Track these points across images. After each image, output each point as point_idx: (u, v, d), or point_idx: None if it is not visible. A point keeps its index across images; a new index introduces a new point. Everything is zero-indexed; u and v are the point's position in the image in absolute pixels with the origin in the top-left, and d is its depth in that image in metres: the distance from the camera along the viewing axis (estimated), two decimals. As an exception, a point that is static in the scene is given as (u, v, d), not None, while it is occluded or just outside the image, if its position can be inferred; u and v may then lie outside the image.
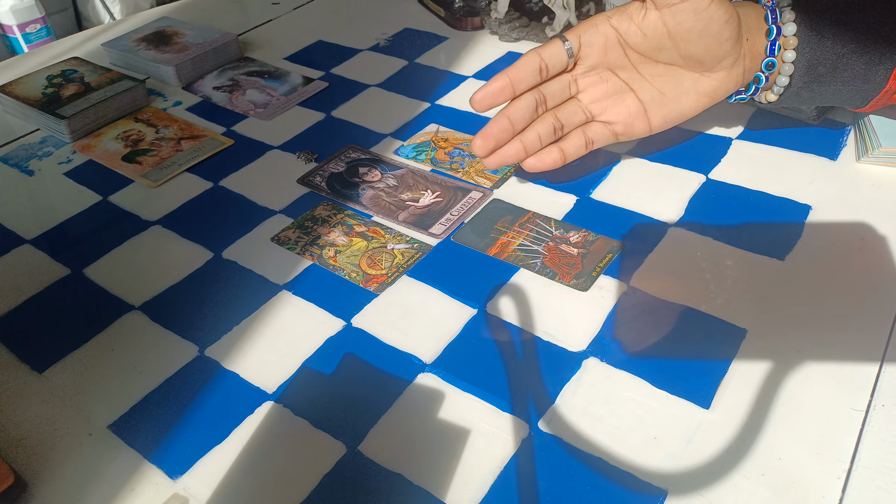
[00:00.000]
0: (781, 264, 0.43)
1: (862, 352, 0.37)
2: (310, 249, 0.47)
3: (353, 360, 0.39)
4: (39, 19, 1.83)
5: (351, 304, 0.43)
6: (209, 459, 0.35)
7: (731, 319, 0.40)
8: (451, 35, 0.75)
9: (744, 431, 0.34)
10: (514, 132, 0.47)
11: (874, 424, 0.34)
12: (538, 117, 0.48)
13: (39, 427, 0.37)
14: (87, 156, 0.59)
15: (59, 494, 0.34)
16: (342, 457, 0.34)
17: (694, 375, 0.37)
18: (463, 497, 0.32)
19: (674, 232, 0.46)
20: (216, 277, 0.46)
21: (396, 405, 0.37)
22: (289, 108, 0.64)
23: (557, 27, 0.69)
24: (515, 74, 0.45)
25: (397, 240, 0.47)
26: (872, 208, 0.46)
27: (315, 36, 0.77)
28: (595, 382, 0.37)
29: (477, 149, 0.47)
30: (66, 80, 0.66)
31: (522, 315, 0.41)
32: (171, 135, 0.61)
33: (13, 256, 0.49)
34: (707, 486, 0.32)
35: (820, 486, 0.32)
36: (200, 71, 0.70)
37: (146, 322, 0.43)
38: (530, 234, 0.47)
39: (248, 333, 0.42)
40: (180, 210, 0.52)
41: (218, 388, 0.38)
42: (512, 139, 0.47)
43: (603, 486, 0.32)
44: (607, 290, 0.42)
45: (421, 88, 0.65)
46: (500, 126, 0.46)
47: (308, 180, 0.54)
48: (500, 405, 0.36)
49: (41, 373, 0.40)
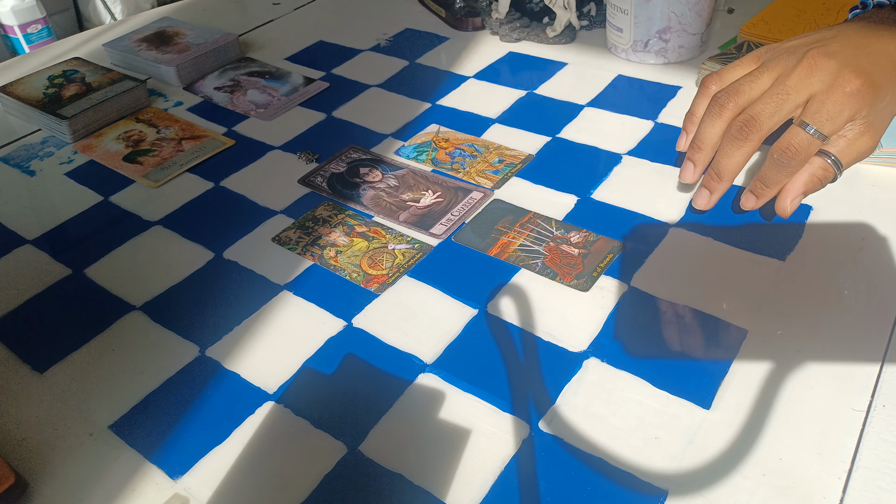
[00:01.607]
0: (782, 265, 0.43)
1: (863, 352, 0.37)
2: (311, 250, 0.47)
3: (353, 361, 0.39)
4: (40, 20, 1.83)
5: (352, 304, 0.43)
6: (210, 459, 0.35)
7: (732, 320, 0.40)
8: (451, 35, 0.75)
9: (745, 432, 0.34)
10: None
11: (875, 425, 0.34)
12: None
13: (40, 427, 0.37)
14: (89, 156, 0.59)
15: (59, 494, 0.34)
16: (343, 457, 0.34)
17: (695, 376, 0.37)
18: (463, 497, 0.32)
19: (674, 232, 0.46)
20: (217, 278, 0.46)
21: (397, 405, 0.37)
22: (290, 108, 0.64)
23: (558, 27, 0.69)
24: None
25: (398, 240, 0.47)
26: (873, 209, 0.46)
27: (316, 36, 0.77)
28: (596, 383, 0.37)
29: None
30: (67, 81, 0.66)
31: (523, 315, 0.41)
32: (172, 135, 0.61)
33: (14, 256, 0.49)
34: (708, 487, 0.32)
35: (821, 486, 0.32)
36: (201, 71, 0.70)
37: (147, 322, 0.43)
38: (531, 234, 0.47)
39: (249, 334, 0.42)
40: (181, 210, 0.52)
41: (219, 388, 0.38)
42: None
43: (603, 486, 0.32)
44: (608, 290, 0.42)
45: (422, 89, 0.65)
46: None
47: (309, 180, 0.54)
48: (500, 405, 0.36)
49: (42, 373, 0.40)
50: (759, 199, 0.45)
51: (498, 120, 0.59)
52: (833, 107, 0.41)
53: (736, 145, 0.43)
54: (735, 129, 0.43)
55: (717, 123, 0.44)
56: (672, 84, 0.62)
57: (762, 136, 0.43)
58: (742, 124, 0.43)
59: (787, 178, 0.43)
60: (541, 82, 0.64)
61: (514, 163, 0.54)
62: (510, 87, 0.64)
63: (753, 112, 0.43)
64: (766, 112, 0.42)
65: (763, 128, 0.42)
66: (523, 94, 0.63)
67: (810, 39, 0.44)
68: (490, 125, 0.59)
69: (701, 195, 0.46)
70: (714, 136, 0.45)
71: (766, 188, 0.44)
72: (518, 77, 0.65)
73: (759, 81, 0.44)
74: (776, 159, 0.43)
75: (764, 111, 0.42)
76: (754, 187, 0.45)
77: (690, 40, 0.64)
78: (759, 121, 0.42)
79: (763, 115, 0.42)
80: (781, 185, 0.44)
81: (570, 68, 0.66)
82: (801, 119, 0.42)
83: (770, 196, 0.45)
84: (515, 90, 0.63)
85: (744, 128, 0.43)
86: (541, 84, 0.64)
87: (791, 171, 0.43)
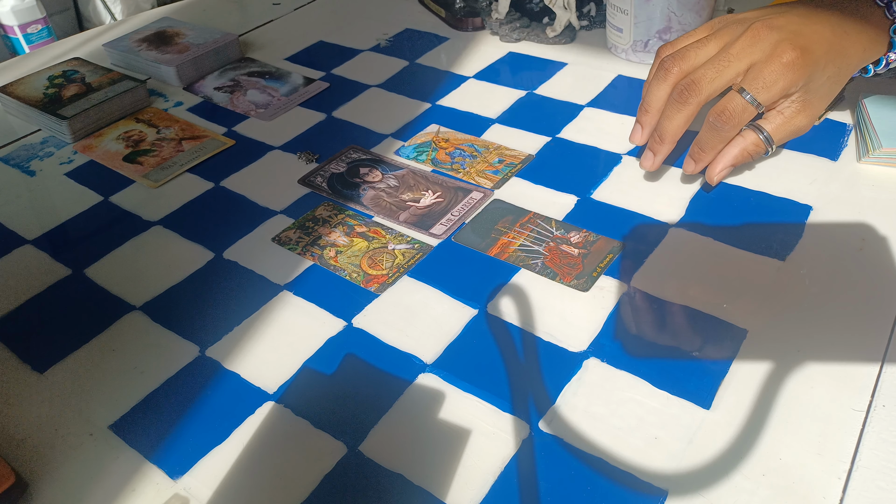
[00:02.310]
0: (782, 265, 0.43)
1: (863, 352, 0.37)
2: (311, 250, 0.47)
3: (353, 361, 0.39)
4: (40, 20, 1.84)
5: (352, 304, 0.43)
6: (210, 459, 0.35)
7: (732, 320, 0.40)
8: (451, 35, 0.75)
9: (745, 432, 0.34)
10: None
11: (875, 425, 0.34)
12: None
13: (40, 427, 0.37)
14: (89, 156, 0.59)
15: (59, 494, 0.34)
16: (343, 457, 0.34)
17: (695, 376, 0.37)
18: (463, 497, 0.32)
19: (674, 232, 0.46)
20: (217, 278, 0.46)
21: (397, 405, 0.37)
22: (290, 108, 0.64)
23: (558, 27, 0.69)
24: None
25: (398, 240, 0.47)
26: (873, 209, 0.46)
27: (316, 36, 0.77)
28: (596, 383, 0.37)
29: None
30: (67, 81, 0.66)
31: (523, 315, 0.41)
32: (172, 135, 0.61)
33: (14, 256, 0.49)
34: (708, 487, 0.32)
35: (821, 486, 0.32)
36: (201, 71, 0.70)
37: (147, 322, 0.43)
38: (531, 234, 0.47)
39: (249, 334, 0.42)
40: (181, 210, 0.52)
41: (219, 388, 0.38)
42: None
43: (603, 486, 0.32)
44: (608, 290, 0.42)
45: (422, 89, 0.65)
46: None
47: (309, 181, 0.54)
48: (500, 405, 0.36)
49: (42, 373, 0.40)
50: (697, 163, 0.47)
51: (498, 120, 0.59)
52: (769, 76, 0.43)
53: (676, 108, 0.45)
54: (677, 93, 0.45)
55: (663, 87, 0.46)
56: (672, 84, 0.62)
57: (701, 100, 0.45)
58: (683, 88, 0.45)
59: (721, 143, 0.46)
60: (541, 82, 0.64)
61: (514, 163, 0.54)
62: (510, 87, 0.64)
63: (695, 77, 0.44)
64: (707, 77, 0.44)
65: (703, 92, 0.44)
66: (523, 94, 0.63)
67: (760, 13, 0.46)
68: (490, 125, 0.59)
69: (646, 157, 0.49)
70: (660, 100, 0.47)
71: (703, 152, 0.47)
72: (518, 77, 0.65)
73: (706, 49, 0.46)
74: (711, 122, 0.45)
75: (705, 76, 0.44)
76: (693, 152, 0.47)
77: (690, 40, 0.64)
78: (700, 85, 0.44)
79: (704, 79, 0.44)
80: (717, 150, 0.46)
81: (569, 68, 0.66)
82: (740, 85, 0.44)
83: (707, 161, 0.47)
84: (515, 90, 0.63)
85: (684, 91, 0.45)
86: (541, 84, 0.64)
87: (725, 135, 0.45)
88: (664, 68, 0.46)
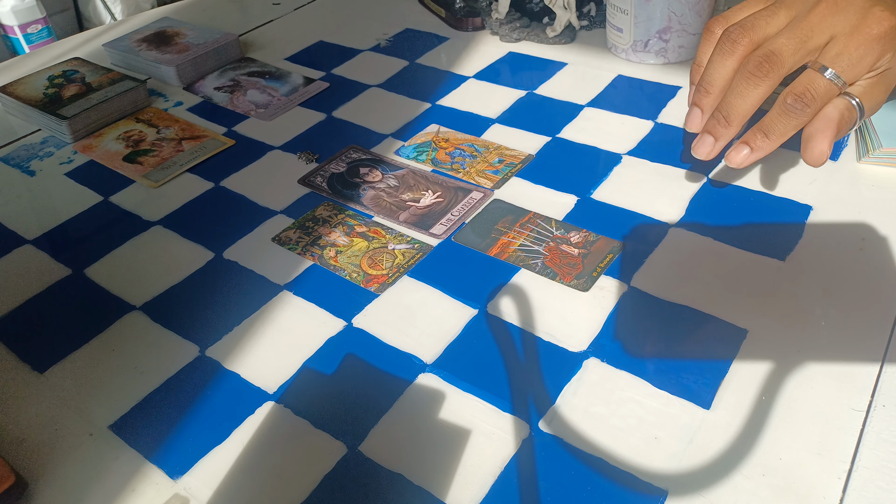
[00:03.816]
0: (782, 264, 0.43)
1: (863, 352, 0.37)
2: (311, 250, 0.47)
3: (353, 361, 0.39)
4: (40, 20, 1.84)
5: (352, 304, 0.43)
6: (210, 459, 0.35)
7: (732, 320, 0.40)
8: (451, 35, 0.75)
9: (745, 432, 0.34)
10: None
11: (875, 424, 0.34)
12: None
13: (40, 427, 0.37)
14: (89, 156, 0.59)
15: (59, 495, 0.34)
16: (343, 457, 0.34)
17: (695, 376, 0.37)
18: (463, 497, 0.32)
19: (675, 232, 0.46)
20: (217, 278, 0.46)
21: (397, 405, 0.37)
22: (290, 108, 0.64)
23: (558, 27, 0.69)
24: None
25: (398, 240, 0.47)
26: (873, 209, 0.46)
27: (316, 36, 0.77)
28: (596, 383, 0.37)
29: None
30: (67, 81, 0.66)
31: (523, 315, 0.41)
32: (172, 135, 0.61)
33: (14, 256, 0.49)
34: (708, 487, 0.32)
35: (821, 486, 0.32)
36: (201, 71, 0.70)
37: (147, 322, 0.43)
38: (531, 234, 0.47)
39: (249, 334, 0.42)
40: (181, 210, 0.52)
41: (219, 388, 0.38)
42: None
43: (603, 486, 0.32)
44: (608, 290, 0.42)
45: (422, 89, 0.65)
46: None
47: (309, 181, 0.54)
48: (500, 405, 0.36)
49: (42, 373, 0.40)
50: (753, 152, 0.40)
51: (498, 120, 0.59)
52: (856, 51, 0.36)
53: (753, 83, 0.38)
54: (753, 65, 0.38)
55: (728, 62, 0.39)
56: (672, 84, 0.62)
57: (782, 74, 0.38)
58: (762, 59, 0.38)
59: (793, 130, 0.39)
60: (541, 82, 0.64)
61: (514, 163, 0.54)
62: (510, 87, 0.64)
63: (774, 47, 0.38)
64: (788, 48, 0.37)
65: (784, 65, 0.38)
66: (523, 94, 0.63)
67: None
68: (490, 125, 0.59)
69: (703, 143, 0.41)
70: (724, 77, 0.40)
71: (767, 139, 0.40)
72: (518, 77, 0.65)
73: (776, 18, 0.39)
74: (789, 105, 0.38)
75: (786, 47, 0.37)
76: (751, 138, 0.40)
77: (690, 40, 0.64)
78: (781, 57, 0.37)
79: (785, 51, 0.37)
80: (785, 137, 0.39)
81: (570, 68, 0.66)
82: (820, 62, 0.37)
83: (768, 150, 0.40)
84: (515, 90, 0.63)
85: (764, 63, 0.38)
86: (541, 84, 0.64)
87: (801, 121, 0.38)
88: (731, 39, 0.39)
